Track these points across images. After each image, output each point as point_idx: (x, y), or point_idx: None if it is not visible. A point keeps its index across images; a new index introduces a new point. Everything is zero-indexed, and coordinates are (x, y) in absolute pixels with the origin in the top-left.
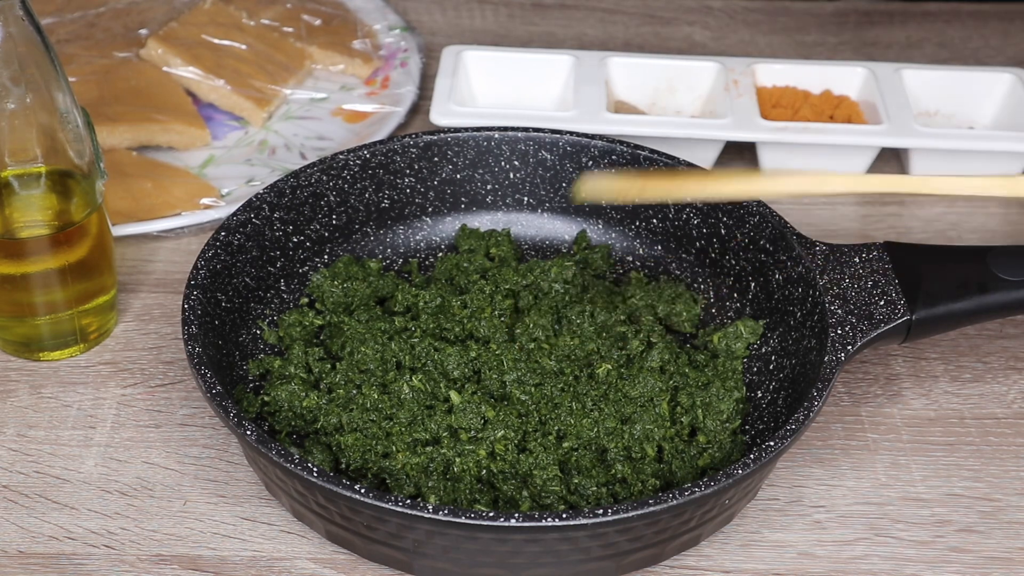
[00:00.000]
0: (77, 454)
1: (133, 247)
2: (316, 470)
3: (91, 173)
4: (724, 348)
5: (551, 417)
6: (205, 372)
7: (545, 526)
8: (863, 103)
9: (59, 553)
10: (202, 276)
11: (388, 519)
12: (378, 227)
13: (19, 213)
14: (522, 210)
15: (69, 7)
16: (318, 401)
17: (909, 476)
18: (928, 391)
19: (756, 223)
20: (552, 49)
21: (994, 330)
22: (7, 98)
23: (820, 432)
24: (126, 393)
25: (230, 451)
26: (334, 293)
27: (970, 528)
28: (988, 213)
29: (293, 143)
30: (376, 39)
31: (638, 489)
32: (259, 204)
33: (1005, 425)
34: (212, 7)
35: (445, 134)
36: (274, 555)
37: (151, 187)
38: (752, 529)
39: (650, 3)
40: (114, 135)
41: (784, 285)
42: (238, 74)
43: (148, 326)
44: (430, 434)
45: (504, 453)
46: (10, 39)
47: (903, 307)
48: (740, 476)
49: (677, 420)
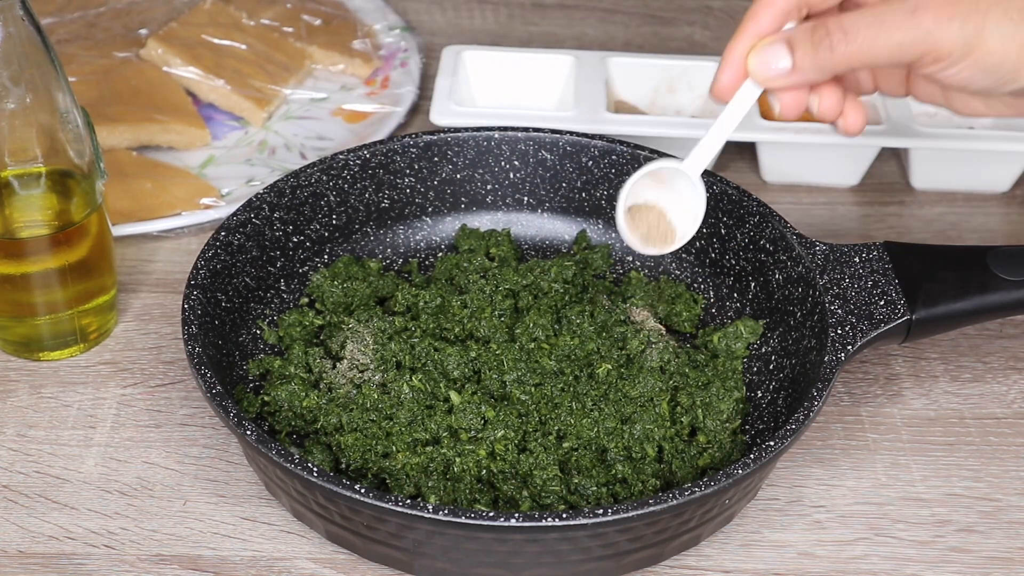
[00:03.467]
0: (77, 454)
1: (133, 247)
2: (316, 470)
3: (91, 173)
4: (724, 348)
5: (551, 417)
6: (205, 372)
7: (545, 526)
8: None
9: (59, 553)
10: (202, 276)
11: (388, 519)
12: (378, 227)
13: (19, 213)
14: (522, 210)
15: (69, 7)
16: (318, 401)
17: (909, 476)
18: (928, 391)
19: (756, 223)
20: (552, 49)
21: (994, 330)
22: (7, 98)
23: (820, 432)
24: (126, 393)
25: (230, 451)
26: (334, 293)
27: (970, 528)
28: (988, 213)
29: (293, 143)
30: (376, 39)
31: (638, 489)
32: (259, 204)
33: (1005, 425)
34: (212, 7)
35: (445, 134)
36: (274, 555)
37: (151, 187)
38: (752, 529)
39: (650, 3)
40: (114, 135)
41: (784, 285)
42: (238, 74)
43: (148, 326)
44: (430, 434)
45: (504, 453)
46: (10, 39)
47: (903, 307)
48: (740, 476)
49: (677, 420)
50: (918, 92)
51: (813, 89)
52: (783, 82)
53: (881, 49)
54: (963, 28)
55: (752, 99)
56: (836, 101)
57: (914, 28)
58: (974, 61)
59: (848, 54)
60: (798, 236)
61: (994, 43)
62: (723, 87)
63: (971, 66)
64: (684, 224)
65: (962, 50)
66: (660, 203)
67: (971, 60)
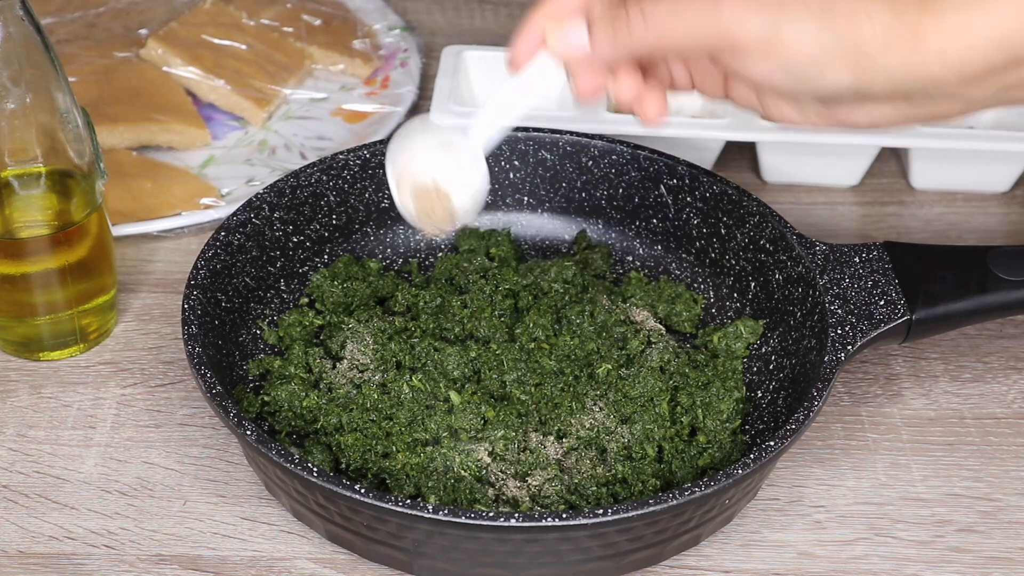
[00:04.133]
0: (77, 454)
1: (133, 247)
2: (316, 470)
3: (91, 173)
4: (724, 348)
5: (551, 417)
6: (205, 372)
7: (545, 526)
8: None
9: (59, 553)
10: (202, 276)
11: (388, 519)
12: (378, 227)
13: (19, 213)
14: (522, 210)
15: (69, 7)
16: (318, 401)
17: (909, 476)
18: (928, 391)
19: (756, 223)
20: None
21: (994, 330)
22: (7, 98)
23: (820, 432)
24: (126, 393)
25: (230, 451)
26: (334, 293)
27: (970, 528)
28: (988, 213)
29: (293, 143)
30: (376, 39)
31: (638, 489)
32: (259, 204)
33: (1005, 425)
34: (212, 7)
35: None
36: (274, 555)
37: (151, 187)
38: (752, 529)
39: None
40: (114, 135)
41: (784, 285)
42: (238, 74)
43: (148, 326)
44: (430, 434)
45: (504, 453)
46: (10, 39)
47: (903, 307)
48: (740, 476)
49: (677, 420)
50: (734, 94)
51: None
52: (578, 58)
53: (679, 35)
54: (762, 20)
55: (549, 74)
56: (632, 87)
57: (713, 17)
58: (773, 57)
59: (645, 38)
60: (798, 236)
61: (792, 38)
62: (518, 54)
63: (770, 62)
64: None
65: (760, 44)
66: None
67: (770, 55)
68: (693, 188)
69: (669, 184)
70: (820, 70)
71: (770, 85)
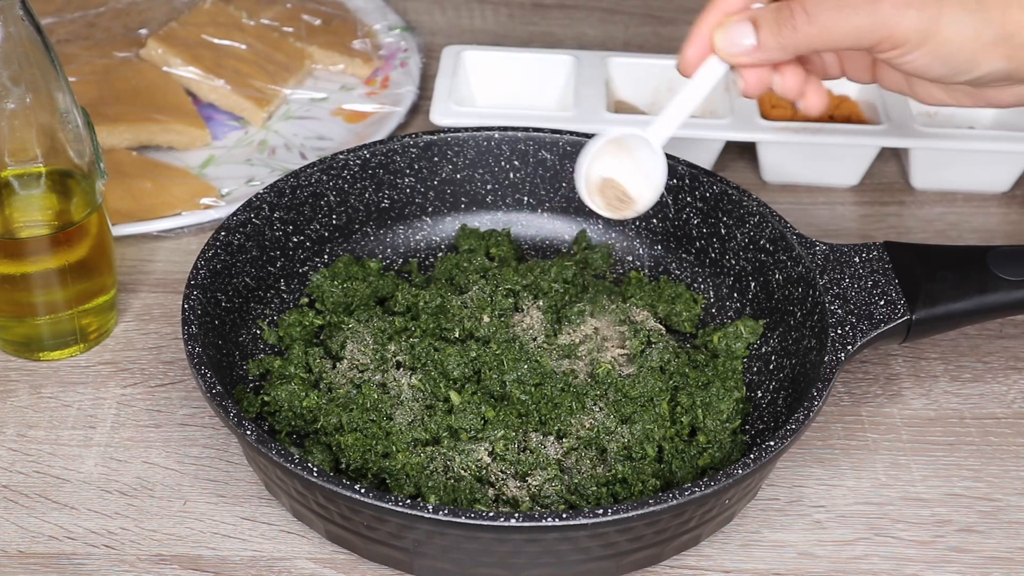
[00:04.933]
0: (77, 454)
1: (133, 247)
2: (316, 470)
3: (91, 173)
4: (724, 348)
5: (551, 417)
6: (205, 372)
7: (545, 526)
8: (863, 103)
9: (59, 553)
10: (202, 276)
11: (388, 519)
12: (378, 227)
13: (19, 213)
14: (522, 210)
15: (69, 7)
16: (318, 401)
17: (909, 476)
18: (928, 391)
19: (756, 223)
20: (552, 49)
21: (994, 330)
22: (7, 98)
23: (820, 432)
24: (126, 393)
25: (230, 451)
26: (334, 293)
27: (970, 528)
28: (988, 213)
29: (293, 143)
30: (376, 39)
31: (638, 489)
32: (259, 204)
33: (1005, 425)
34: (212, 7)
35: (445, 134)
36: (274, 555)
37: (151, 187)
38: (752, 529)
39: (650, 3)
40: (114, 135)
41: (784, 285)
42: (238, 74)
43: (148, 326)
44: (430, 434)
45: (504, 453)
46: (10, 39)
47: (903, 307)
48: (740, 476)
49: (677, 420)
50: (883, 79)
51: (776, 68)
52: (747, 59)
53: (840, 32)
54: (920, 16)
55: (717, 75)
56: (798, 81)
57: (873, 14)
58: (930, 49)
59: (809, 35)
60: (798, 236)
61: (949, 31)
62: (688, 61)
63: (927, 54)
64: (643, 193)
65: (918, 37)
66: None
67: (927, 48)
68: (693, 188)
69: (669, 184)
70: (976, 59)
71: (925, 74)
